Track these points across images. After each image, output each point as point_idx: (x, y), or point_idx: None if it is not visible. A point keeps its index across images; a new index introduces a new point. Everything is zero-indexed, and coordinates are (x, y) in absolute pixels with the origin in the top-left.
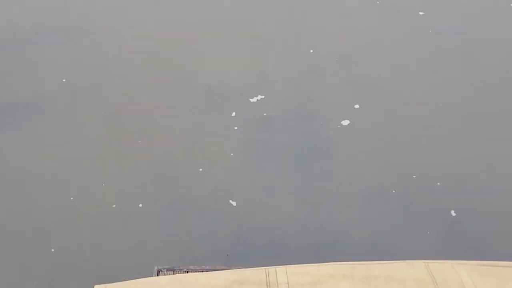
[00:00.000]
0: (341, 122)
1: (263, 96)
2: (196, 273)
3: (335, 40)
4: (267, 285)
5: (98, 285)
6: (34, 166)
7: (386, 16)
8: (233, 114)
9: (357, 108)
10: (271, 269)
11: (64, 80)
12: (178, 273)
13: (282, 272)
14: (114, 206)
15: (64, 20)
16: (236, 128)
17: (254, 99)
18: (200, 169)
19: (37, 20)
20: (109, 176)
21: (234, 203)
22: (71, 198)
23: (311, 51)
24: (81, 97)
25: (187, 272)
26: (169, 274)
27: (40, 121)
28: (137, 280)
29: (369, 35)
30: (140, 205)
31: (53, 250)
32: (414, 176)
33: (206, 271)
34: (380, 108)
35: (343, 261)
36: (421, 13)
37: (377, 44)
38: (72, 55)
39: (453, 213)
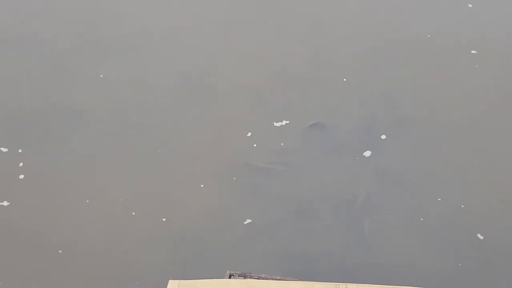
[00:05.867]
0: None
1: None
2: (267, 281)
3: None
4: None
5: (173, 281)
6: None
7: None
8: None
9: None
10: (342, 285)
11: None
12: (249, 279)
13: None
14: None
15: None
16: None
17: None
18: None
19: None
20: None
21: None
22: None
23: None
24: None
25: (259, 279)
26: (241, 279)
27: None
28: (210, 280)
29: None
30: None
31: None
32: None
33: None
34: None
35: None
36: None
37: None
38: None
39: None
